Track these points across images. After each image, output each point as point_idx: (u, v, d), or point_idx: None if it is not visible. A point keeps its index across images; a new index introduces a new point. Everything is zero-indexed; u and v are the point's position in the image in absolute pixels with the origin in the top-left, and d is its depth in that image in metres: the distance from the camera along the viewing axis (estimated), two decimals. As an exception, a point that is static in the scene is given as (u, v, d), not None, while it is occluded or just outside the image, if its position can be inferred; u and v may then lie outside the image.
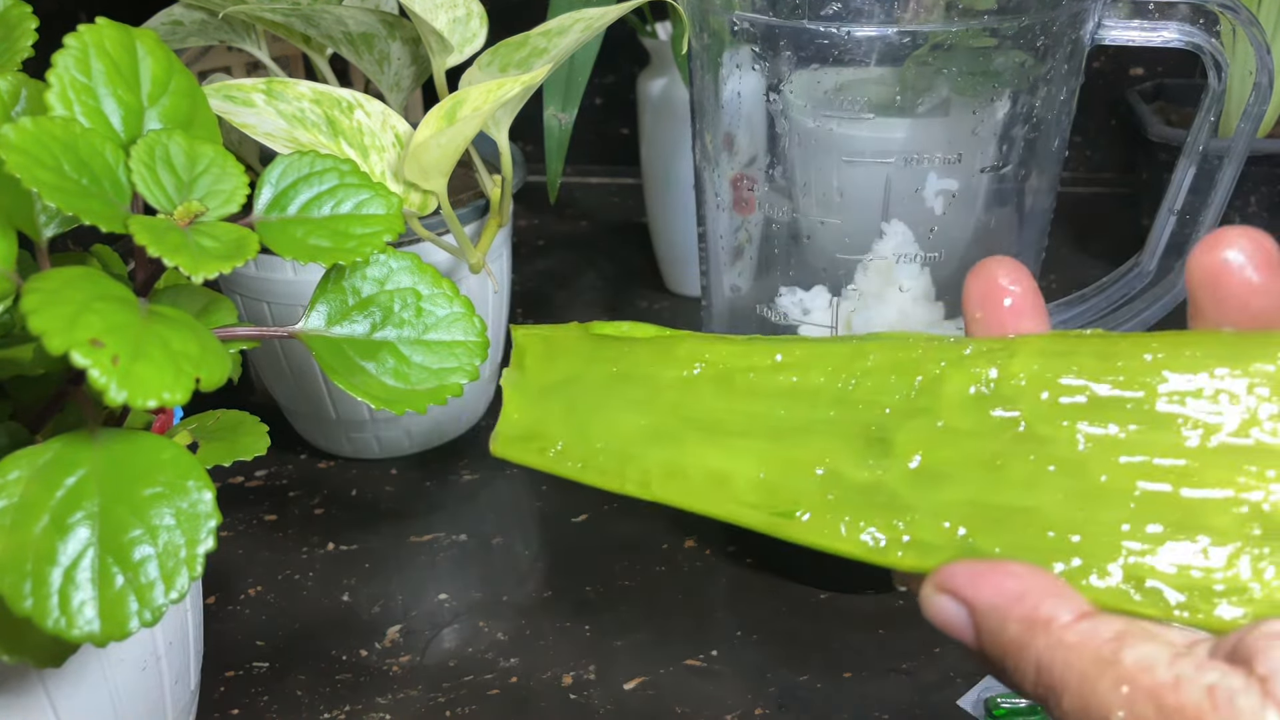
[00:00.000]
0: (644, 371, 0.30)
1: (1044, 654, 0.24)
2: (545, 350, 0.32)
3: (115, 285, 0.29)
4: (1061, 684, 0.23)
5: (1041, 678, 0.24)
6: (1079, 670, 0.23)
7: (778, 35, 0.45)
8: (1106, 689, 0.22)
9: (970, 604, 0.26)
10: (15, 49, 0.35)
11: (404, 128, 0.51)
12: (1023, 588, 0.25)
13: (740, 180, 0.50)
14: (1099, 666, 0.23)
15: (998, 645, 0.25)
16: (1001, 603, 0.25)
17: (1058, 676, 0.23)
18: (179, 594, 0.29)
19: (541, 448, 0.31)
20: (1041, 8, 0.46)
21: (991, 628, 0.25)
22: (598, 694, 0.49)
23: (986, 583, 0.26)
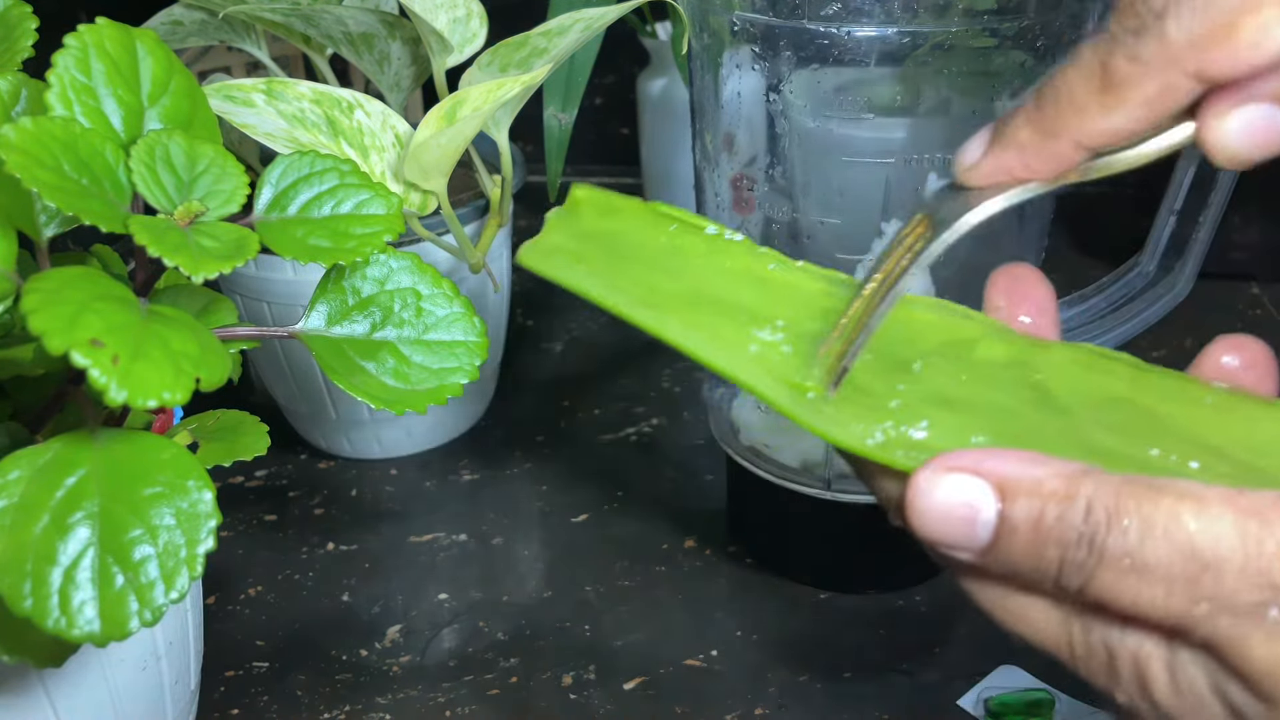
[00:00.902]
0: (695, 253, 0.30)
1: (1096, 491, 0.23)
2: (602, 208, 0.32)
3: (115, 285, 0.29)
4: (1123, 511, 0.23)
5: (1094, 515, 0.23)
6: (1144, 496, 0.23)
7: (778, 35, 0.45)
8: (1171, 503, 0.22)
9: (995, 474, 0.24)
10: (15, 49, 0.35)
11: (404, 128, 0.51)
12: (1042, 457, 0.24)
13: (740, 180, 0.50)
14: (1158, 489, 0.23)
15: (1034, 504, 0.24)
16: (1031, 466, 0.24)
17: (1124, 505, 0.23)
18: (179, 594, 0.29)
19: (570, 262, 0.30)
20: (1041, 8, 0.46)
21: (1024, 489, 0.24)
22: (598, 694, 0.49)
23: (1004, 454, 0.25)
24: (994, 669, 0.49)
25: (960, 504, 0.24)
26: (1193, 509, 0.22)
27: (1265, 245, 0.79)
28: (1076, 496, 0.23)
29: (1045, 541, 0.23)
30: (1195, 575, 0.22)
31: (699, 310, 0.29)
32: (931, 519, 0.25)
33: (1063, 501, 0.23)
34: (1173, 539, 0.22)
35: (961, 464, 0.25)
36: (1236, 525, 0.22)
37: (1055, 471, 0.24)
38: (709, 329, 0.29)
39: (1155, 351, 0.72)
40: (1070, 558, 0.23)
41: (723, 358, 0.28)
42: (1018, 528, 0.24)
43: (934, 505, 0.25)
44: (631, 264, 0.30)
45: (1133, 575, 0.23)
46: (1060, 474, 0.24)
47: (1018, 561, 0.24)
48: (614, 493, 0.62)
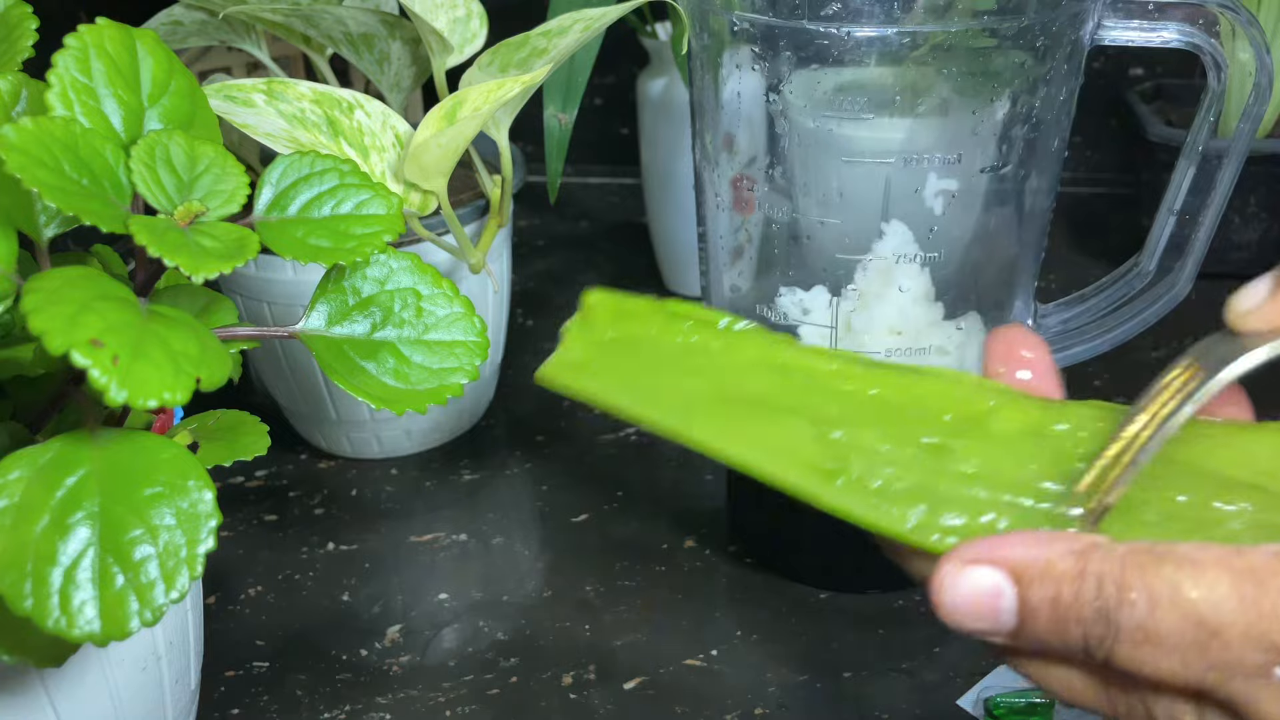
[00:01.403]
0: (712, 350, 0.31)
1: (1103, 567, 0.24)
2: (615, 311, 0.32)
3: (115, 285, 0.29)
4: (1128, 584, 0.24)
5: (1105, 590, 0.24)
6: (1147, 566, 0.24)
7: (777, 35, 0.45)
8: (1175, 567, 0.23)
9: (1008, 561, 0.25)
10: (16, 49, 0.35)
11: (404, 128, 0.51)
12: (1050, 536, 0.26)
13: (740, 180, 0.50)
14: (1159, 557, 0.24)
15: (1049, 586, 0.25)
16: (1041, 548, 0.25)
17: (1129, 579, 0.24)
18: (179, 594, 0.29)
19: (593, 375, 0.31)
20: (1041, 8, 0.46)
21: (1036, 573, 0.25)
22: (598, 694, 0.49)
23: (1015, 539, 0.26)
24: (993, 669, 0.49)
25: (983, 594, 0.25)
26: (1191, 576, 0.23)
27: (1265, 245, 0.79)
28: (1086, 574, 0.24)
29: (1066, 620, 0.25)
30: (1204, 642, 0.23)
31: (724, 410, 0.30)
32: (960, 612, 0.26)
33: (1075, 581, 0.24)
34: (1178, 608, 0.23)
35: (977, 555, 0.26)
36: (1234, 589, 0.23)
37: (1064, 550, 0.25)
38: (735, 429, 0.30)
39: (1155, 352, 0.72)
40: (1091, 633, 0.24)
41: (753, 456, 0.29)
42: (1038, 610, 0.25)
43: (959, 599, 0.26)
44: (653, 370, 0.31)
45: (1148, 646, 0.24)
46: (1069, 552, 0.25)
47: (1045, 640, 0.25)
48: (614, 493, 0.62)
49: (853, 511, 0.28)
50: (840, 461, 0.29)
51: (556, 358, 0.32)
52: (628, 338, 0.32)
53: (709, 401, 0.30)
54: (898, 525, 0.28)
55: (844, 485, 0.28)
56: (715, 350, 0.31)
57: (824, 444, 0.29)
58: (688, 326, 0.31)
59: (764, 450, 0.29)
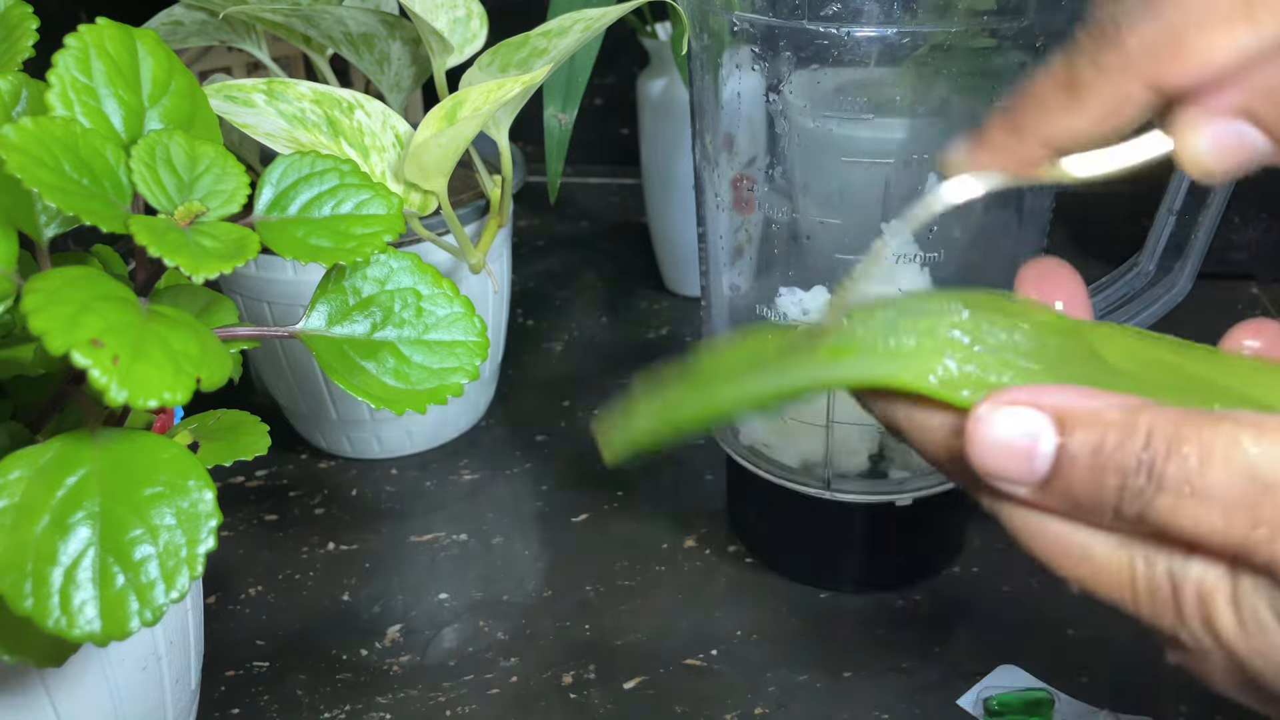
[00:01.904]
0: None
1: (1156, 421, 0.23)
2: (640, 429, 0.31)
3: (116, 285, 0.29)
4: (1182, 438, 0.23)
5: (1154, 443, 0.23)
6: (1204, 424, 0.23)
7: (777, 36, 0.45)
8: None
9: (1054, 405, 0.24)
10: (16, 49, 0.35)
11: (404, 128, 0.51)
12: (1099, 391, 0.25)
13: (740, 180, 0.50)
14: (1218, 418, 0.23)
15: (1094, 434, 0.24)
16: (1090, 398, 0.24)
17: (1184, 433, 0.23)
18: (179, 593, 0.29)
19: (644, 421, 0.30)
20: (1041, 8, 0.46)
21: (1083, 419, 0.24)
22: (598, 693, 0.49)
23: (1061, 388, 0.25)
24: (993, 669, 0.49)
25: (1019, 435, 0.24)
26: (1253, 434, 0.22)
27: (1265, 245, 0.79)
28: (1137, 425, 0.23)
29: (1105, 469, 0.24)
30: (1255, 499, 0.22)
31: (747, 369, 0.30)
32: (990, 452, 0.25)
33: (1123, 430, 0.23)
34: (1232, 464, 0.22)
35: (1020, 398, 0.25)
36: None
37: (1115, 403, 0.24)
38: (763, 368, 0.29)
39: (1155, 351, 0.72)
40: (1130, 484, 0.23)
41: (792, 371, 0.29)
42: (1077, 457, 0.24)
43: (993, 438, 0.25)
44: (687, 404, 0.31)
45: (1191, 501, 0.23)
46: (1120, 405, 0.24)
47: (1076, 492, 0.24)
48: (614, 492, 0.62)
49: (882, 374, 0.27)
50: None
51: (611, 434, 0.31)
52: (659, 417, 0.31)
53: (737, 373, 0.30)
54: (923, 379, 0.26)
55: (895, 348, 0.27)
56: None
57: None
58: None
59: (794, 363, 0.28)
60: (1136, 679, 0.49)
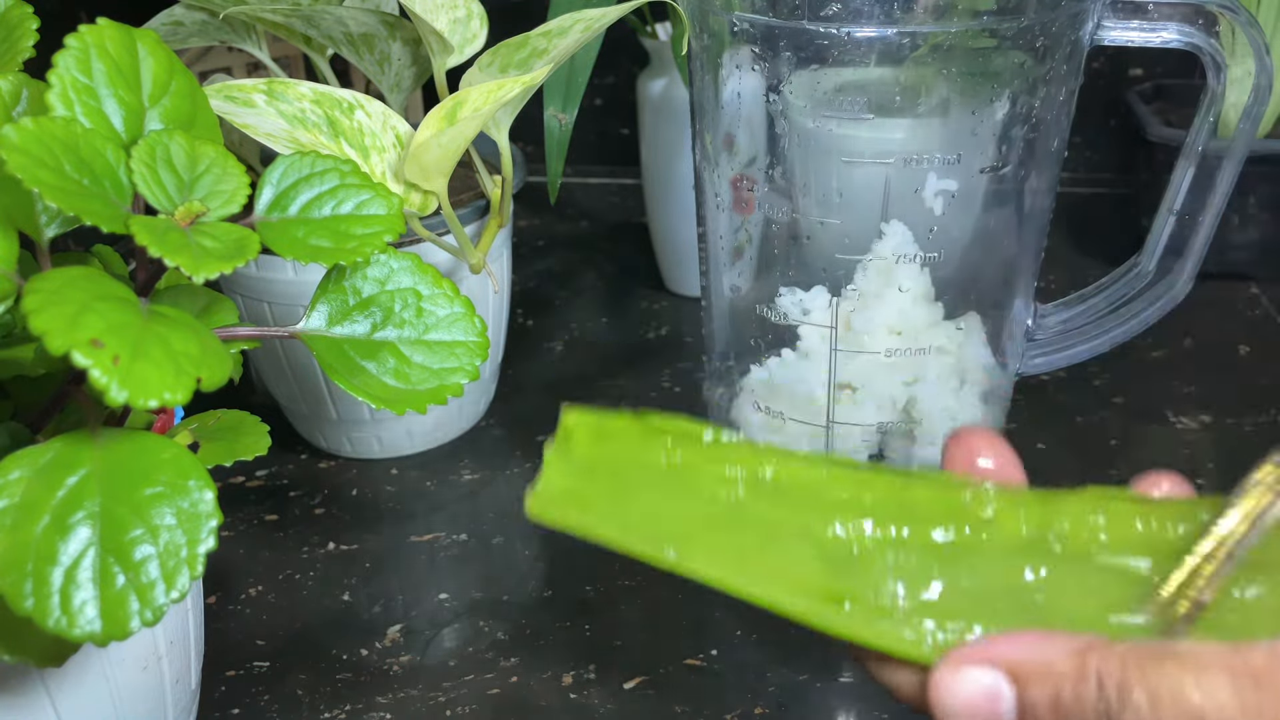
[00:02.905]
0: (699, 469, 0.30)
1: (1105, 666, 0.24)
2: (595, 433, 0.31)
3: (116, 285, 0.29)
4: (1130, 684, 0.24)
5: (1106, 691, 0.24)
6: (1148, 666, 0.24)
7: (777, 36, 0.45)
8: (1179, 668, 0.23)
9: (1006, 661, 0.25)
10: (16, 49, 0.35)
11: (404, 128, 0.51)
12: (1047, 635, 0.26)
13: (740, 180, 0.50)
14: (1159, 657, 0.23)
15: (1048, 686, 0.25)
16: (1039, 647, 0.25)
17: (1130, 678, 0.24)
18: (180, 594, 0.29)
19: (580, 508, 0.30)
20: (1041, 8, 0.47)
21: (1036, 672, 0.25)
22: (598, 693, 0.49)
23: (1012, 639, 0.26)
24: (994, 669, 0.49)
25: (981, 695, 0.25)
26: (1193, 677, 0.23)
27: (1264, 245, 0.79)
28: (1087, 673, 0.24)
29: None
30: None
31: (716, 535, 0.29)
32: (957, 714, 0.26)
33: (1076, 682, 0.24)
34: (1181, 709, 0.23)
35: (973, 656, 0.26)
36: (1235, 693, 0.23)
37: (1063, 650, 0.25)
38: (729, 555, 0.29)
39: (1155, 351, 0.72)
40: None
41: (750, 584, 0.29)
42: (1037, 709, 0.25)
43: (958, 701, 0.26)
44: (640, 496, 0.30)
45: None
46: (1068, 652, 0.25)
47: None
48: (614, 493, 0.62)
49: (865, 636, 0.28)
50: (845, 582, 0.29)
51: (542, 489, 0.30)
52: (610, 460, 0.30)
53: (701, 528, 0.29)
54: (912, 647, 0.28)
55: (852, 610, 0.28)
56: (702, 469, 0.30)
57: (824, 563, 0.29)
58: (670, 444, 0.30)
59: (765, 581, 0.29)
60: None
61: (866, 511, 0.29)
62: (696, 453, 0.30)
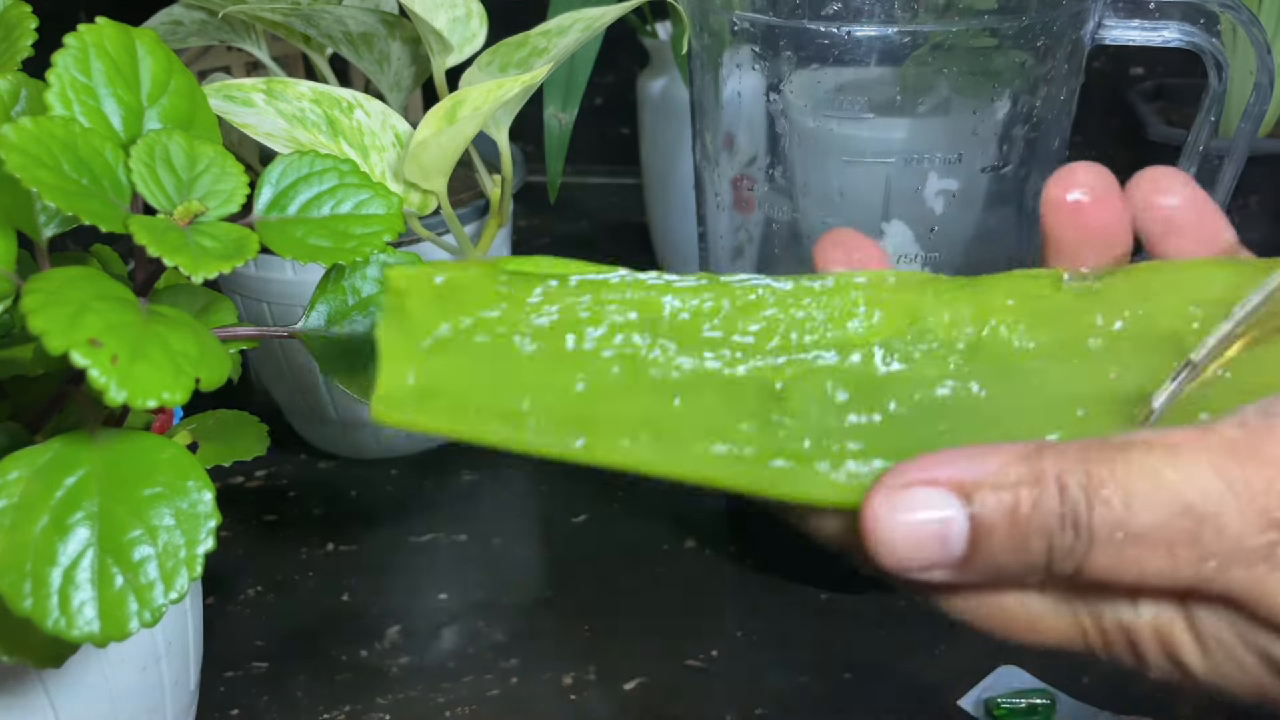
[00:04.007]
0: (573, 318, 0.25)
1: (1063, 465, 0.21)
2: (437, 294, 0.25)
3: (115, 285, 0.29)
4: (1098, 481, 0.21)
5: (1070, 493, 0.21)
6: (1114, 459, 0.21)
7: (778, 35, 0.45)
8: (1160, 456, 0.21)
9: (951, 478, 0.22)
10: (15, 49, 0.35)
11: (404, 127, 0.51)
12: (988, 448, 0.22)
13: (740, 180, 0.50)
14: (1123, 447, 0.21)
15: (1004, 497, 0.21)
16: (983, 459, 0.22)
17: (1097, 475, 0.21)
18: (179, 594, 0.29)
19: (446, 407, 0.24)
20: (1042, 8, 0.46)
21: (987, 484, 0.22)
22: (597, 694, 0.49)
23: (948, 455, 0.22)
24: (995, 669, 0.49)
25: (926, 519, 0.22)
26: (1167, 461, 0.21)
27: (1266, 245, 0.79)
28: (1044, 478, 0.21)
29: (1027, 534, 0.21)
30: (1194, 532, 0.20)
31: (616, 406, 0.24)
32: (898, 546, 0.22)
33: (1033, 486, 0.21)
34: (1159, 499, 0.21)
35: (912, 478, 0.22)
36: (1216, 471, 0.21)
37: (1011, 456, 0.22)
38: (638, 430, 0.24)
39: (1155, 351, 0.72)
40: (1058, 544, 0.21)
41: (671, 463, 0.24)
42: (994, 527, 0.22)
43: (898, 530, 0.22)
44: (511, 369, 0.24)
45: (1129, 548, 0.21)
46: (1017, 457, 0.22)
47: (1001, 562, 0.22)
48: (614, 493, 0.62)
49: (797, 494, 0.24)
50: (770, 434, 0.24)
51: (383, 385, 0.24)
52: (465, 328, 0.25)
53: (596, 400, 0.24)
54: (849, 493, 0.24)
55: (786, 468, 0.24)
56: (580, 320, 0.25)
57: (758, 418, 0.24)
58: (539, 295, 0.25)
59: (685, 457, 0.24)
60: (1138, 680, 0.48)
61: (782, 343, 0.25)
62: (570, 301, 0.25)
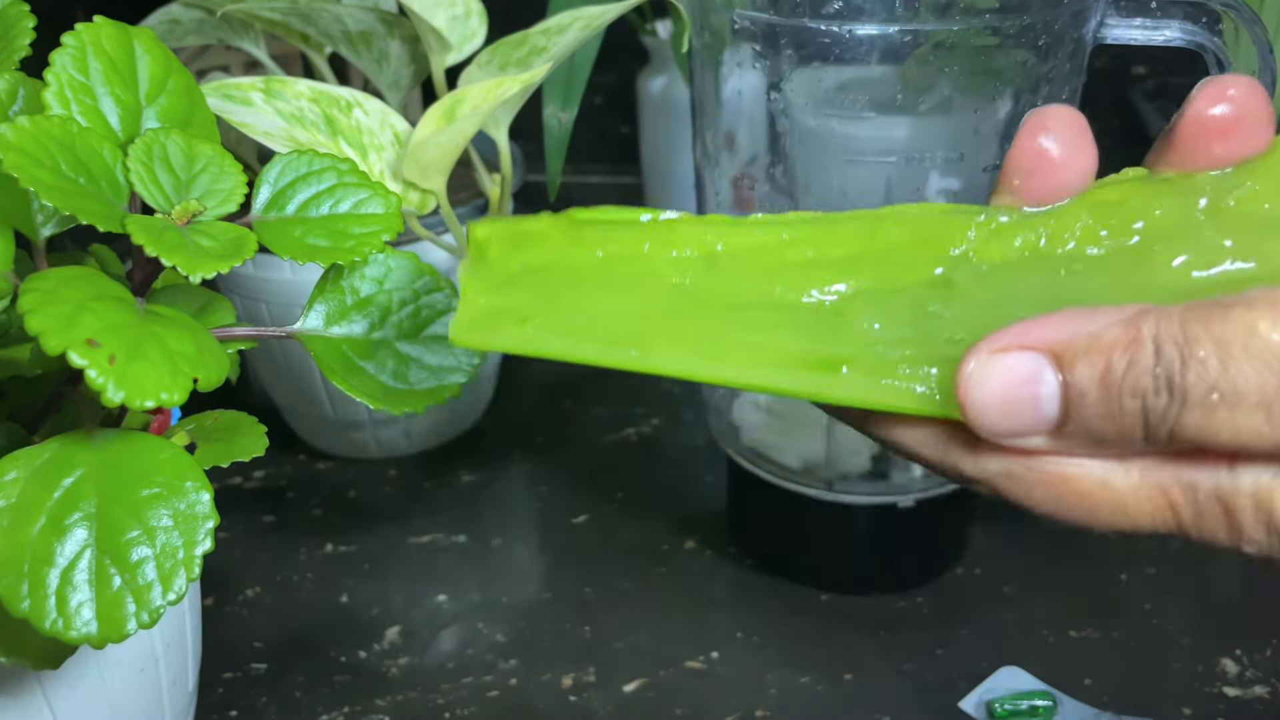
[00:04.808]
0: (640, 256, 0.26)
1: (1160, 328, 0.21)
2: (513, 239, 0.27)
3: (113, 285, 0.29)
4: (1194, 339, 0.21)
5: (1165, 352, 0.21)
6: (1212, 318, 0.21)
7: (778, 33, 0.45)
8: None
9: (1045, 342, 0.22)
10: (13, 48, 0.34)
11: (403, 126, 0.50)
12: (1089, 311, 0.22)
13: (741, 179, 0.50)
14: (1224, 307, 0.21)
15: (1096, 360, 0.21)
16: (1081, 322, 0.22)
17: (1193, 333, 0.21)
18: (177, 595, 0.29)
19: (512, 323, 0.26)
20: (1043, 6, 0.46)
21: (1081, 348, 0.22)
22: (598, 696, 0.49)
23: (1047, 320, 0.22)
24: (996, 670, 0.49)
25: (1019, 382, 0.22)
26: (1268, 317, 0.20)
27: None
28: (1141, 338, 0.21)
29: (1119, 396, 0.21)
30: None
31: (677, 323, 0.26)
32: (993, 410, 0.23)
33: (1127, 348, 0.21)
34: (1257, 355, 0.20)
35: (1007, 343, 0.22)
36: None
37: (1109, 320, 0.22)
38: (697, 342, 0.26)
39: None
40: (1151, 405, 0.21)
41: (727, 369, 0.25)
42: (1086, 391, 0.22)
43: (990, 394, 0.22)
44: (580, 298, 0.26)
45: (1224, 409, 0.20)
46: (1115, 321, 0.22)
47: (1095, 428, 0.22)
48: (614, 493, 0.62)
49: (867, 398, 0.24)
50: (834, 347, 0.25)
51: (462, 314, 0.27)
52: (536, 266, 0.27)
53: (659, 317, 0.26)
54: (924, 401, 0.24)
55: (850, 373, 0.25)
56: (644, 255, 0.26)
57: (809, 332, 0.25)
58: (603, 234, 0.27)
59: (744, 362, 0.25)
60: (1140, 681, 0.48)
61: (839, 266, 0.26)
62: (634, 238, 0.27)
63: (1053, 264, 0.25)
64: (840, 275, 0.26)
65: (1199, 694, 0.48)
